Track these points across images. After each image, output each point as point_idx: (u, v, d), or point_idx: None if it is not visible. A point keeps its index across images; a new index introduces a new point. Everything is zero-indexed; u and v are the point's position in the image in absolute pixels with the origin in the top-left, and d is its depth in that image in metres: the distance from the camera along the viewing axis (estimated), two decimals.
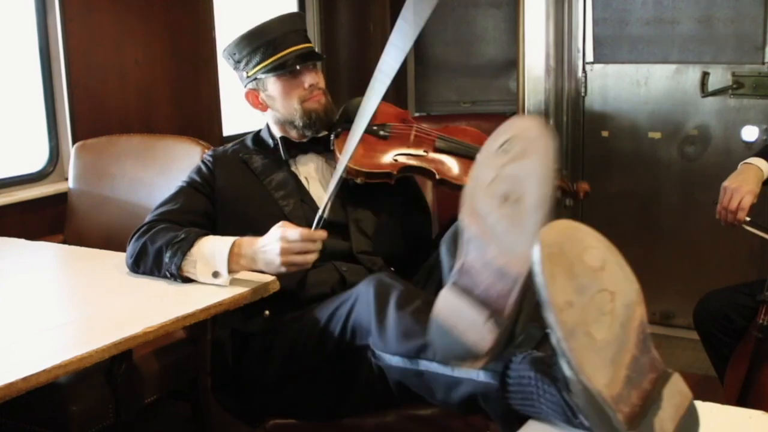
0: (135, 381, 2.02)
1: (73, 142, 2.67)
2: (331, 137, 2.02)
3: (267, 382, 1.81)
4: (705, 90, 3.22)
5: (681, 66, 3.29)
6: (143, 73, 2.91)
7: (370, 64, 3.95)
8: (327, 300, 1.74)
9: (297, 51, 1.97)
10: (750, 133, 3.18)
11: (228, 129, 3.27)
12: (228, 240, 1.77)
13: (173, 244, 1.76)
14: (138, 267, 1.81)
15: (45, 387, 1.31)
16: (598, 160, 3.52)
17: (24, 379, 1.27)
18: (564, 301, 1.04)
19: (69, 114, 2.69)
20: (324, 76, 2.07)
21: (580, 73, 3.50)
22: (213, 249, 1.75)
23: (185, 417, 2.37)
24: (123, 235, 1.90)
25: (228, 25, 3.16)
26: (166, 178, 2.38)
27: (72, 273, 2.02)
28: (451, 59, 3.96)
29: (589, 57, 3.47)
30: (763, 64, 3.13)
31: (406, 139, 2.04)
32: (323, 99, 2.01)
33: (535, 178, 1.16)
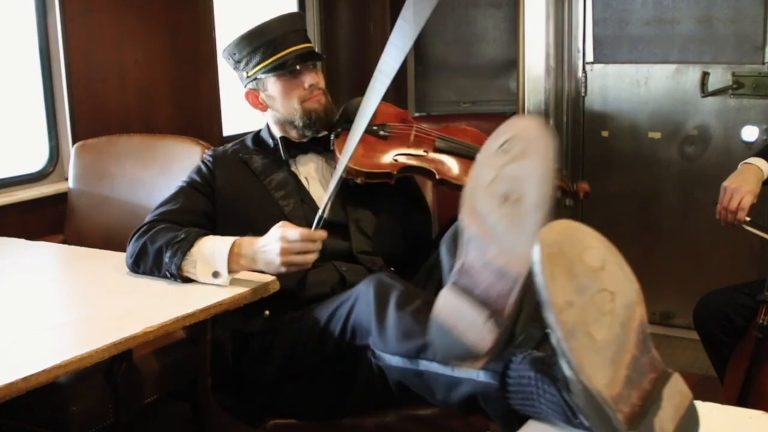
0: (135, 381, 2.02)
1: (73, 142, 2.67)
2: (331, 137, 2.02)
3: (267, 382, 1.81)
4: (705, 90, 3.22)
5: (681, 66, 3.29)
6: (143, 73, 2.91)
7: (370, 64, 3.96)
8: (327, 300, 1.74)
9: (297, 51, 1.97)
10: (750, 133, 3.18)
11: (228, 129, 3.27)
12: (228, 240, 1.77)
13: (173, 244, 1.76)
14: (138, 267, 1.81)
15: (45, 387, 1.31)
16: (598, 160, 3.52)
17: (24, 379, 1.27)
18: (564, 301, 1.04)
19: (69, 114, 2.69)
20: (324, 76, 2.07)
21: (580, 73, 3.50)
22: (213, 249, 1.75)
23: (185, 417, 2.37)
24: (123, 235, 1.90)
25: (228, 25, 3.16)
26: (166, 178, 2.38)
27: (72, 273, 2.02)
28: (451, 59, 3.96)
29: (589, 57, 3.47)
30: (763, 64, 3.13)
31: (406, 139, 2.04)
32: (323, 99, 2.01)
33: (536, 177, 1.16)
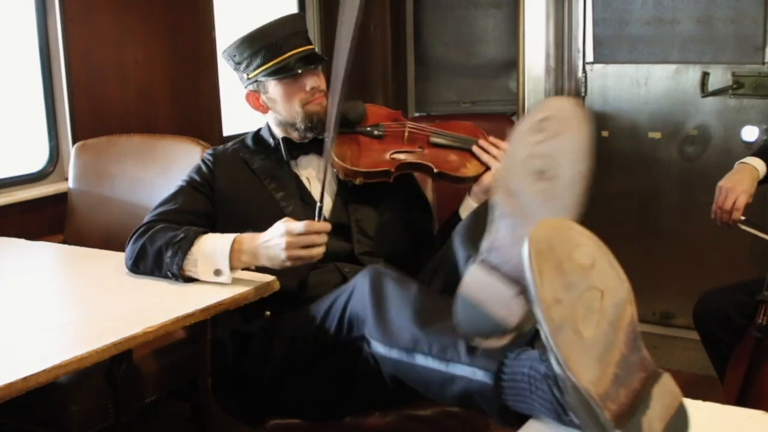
0: (135, 381, 2.02)
1: (73, 142, 2.67)
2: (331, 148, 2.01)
3: (267, 382, 1.81)
4: (705, 90, 3.22)
5: (681, 66, 3.28)
6: (143, 73, 2.91)
7: (370, 64, 3.98)
8: (325, 295, 1.73)
9: (298, 54, 1.96)
10: (750, 133, 3.18)
11: (228, 129, 3.27)
12: (228, 237, 1.76)
13: (173, 243, 1.76)
14: (138, 268, 1.80)
15: (45, 387, 1.31)
16: (598, 160, 3.50)
17: (24, 379, 1.27)
18: (552, 298, 1.04)
19: (69, 114, 2.69)
20: (325, 76, 2.06)
21: (580, 73, 3.49)
22: (214, 247, 1.74)
23: (185, 417, 2.37)
24: (123, 235, 1.89)
25: (228, 25, 3.16)
26: (166, 178, 2.38)
27: (72, 273, 2.02)
28: (451, 59, 3.96)
29: (589, 57, 3.47)
30: (763, 64, 3.13)
31: (400, 137, 2.04)
32: (324, 101, 1.99)
33: (571, 155, 1.18)
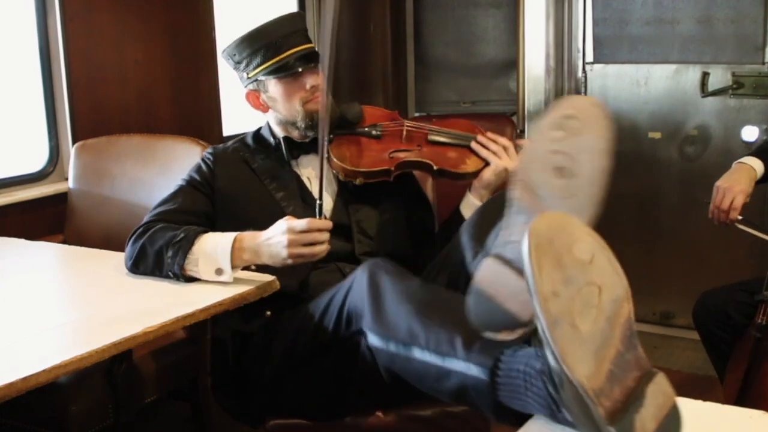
0: (135, 381, 2.02)
1: (73, 142, 2.67)
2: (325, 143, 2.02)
3: (267, 381, 1.81)
4: (705, 90, 3.22)
5: (681, 66, 3.28)
6: (143, 73, 2.91)
7: (370, 64, 3.98)
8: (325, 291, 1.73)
9: (298, 52, 1.95)
10: (750, 133, 3.18)
11: (228, 129, 3.27)
12: (229, 235, 1.76)
13: (173, 243, 1.75)
14: (138, 269, 1.80)
15: (45, 387, 1.31)
16: None
17: (24, 379, 1.27)
18: (550, 291, 1.04)
19: (69, 114, 2.69)
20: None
21: (580, 73, 3.49)
22: (215, 246, 1.74)
23: (185, 417, 2.37)
24: (123, 235, 1.89)
25: (228, 25, 3.15)
26: (166, 178, 2.38)
27: (72, 273, 2.02)
28: (451, 59, 3.96)
29: (589, 57, 3.47)
30: (763, 64, 3.13)
31: (398, 136, 2.05)
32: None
33: (591, 155, 1.18)
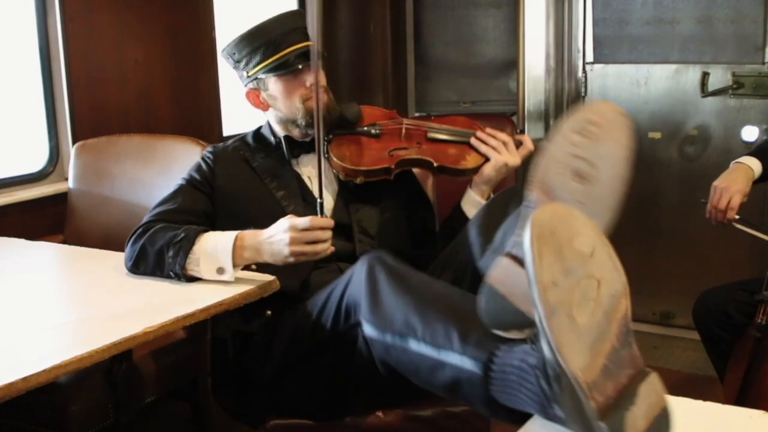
0: (135, 381, 2.02)
1: (73, 142, 2.67)
2: (325, 143, 2.02)
3: (267, 381, 1.81)
4: (705, 90, 3.22)
5: (681, 66, 3.29)
6: (143, 73, 2.91)
7: (370, 64, 3.98)
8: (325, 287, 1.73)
9: (298, 50, 1.95)
10: (750, 133, 3.18)
11: (228, 129, 3.27)
12: (230, 234, 1.76)
13: (174, 243, 1.75)
14: (138, 269, 1.79)
15: (45, 387, 1.31)
16: None
17: (24, 379, 1.27)
18: (549, 281, 1.04)
19: (69, 114, 2.68)
20: (325, 72, 2.05)
21: (580, 73, 3.49)
22: (216, 245, 1.74)
23: (185, 417, 2.38)
24: (123, 235, 1.89)
25: (228, 25, 3.15)
26: (166, 178, 2.38)
27: (72, 273, 2.02)
28: (451, 59, 3.96)
29: (589, 57, 3.47)
30: (763, 64, 3.13)
31: (397, 134, 2.05)
32: (325, 97, 1.98)
33: (611, 162, 1.20)
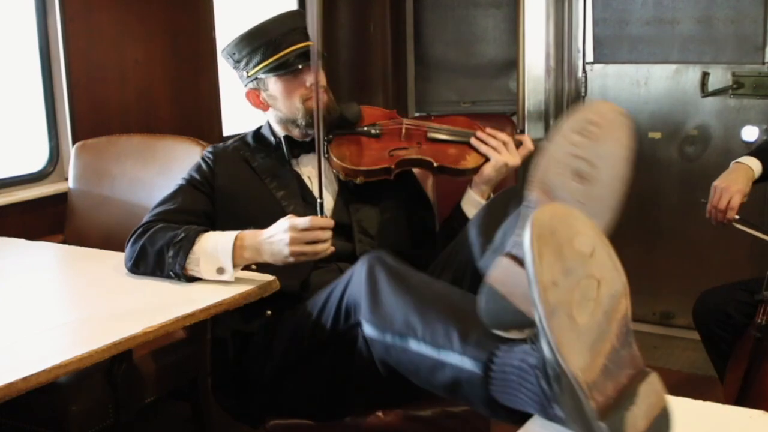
0: (135, 381, 2.02)
1: (73, 142, 2.67)
2: (325, 143, 2.01)
3: (267, 381, 1.81)
4: (705, 90, 3.22)
5: (681, 66, 3.29)
6: (143, 73, 2.91)
7: (370, 64, 3.98)
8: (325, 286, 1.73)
9: (298, 50, 1.95)
10: (750, 133, 3.19)
11: (228, 129, 3.27)
12: (230, 234, 1.76)
13: (174, 243, 1.75)
14: (138, 269, 1.79)
15: (45, 387, 1.31)
16: None
17: (24, 379, 1.27)
18: (549, 280, 1.04)
19: (69, 114, 2.68)
20: (325, 72, 2.05)
21: (580, 73, 3.49)
22: (216, 245, 1.74)
23: (185, 417, 2.38)
24: (123, 235, 1.89)
25: (228, 25, 3.15)
26: (166, 178, 2.38)
27: (72, 273, 2.02)
28: (451, 59, 3.96)
29: (589, 57, 3.47)
30: (763, 64, 3.13)
31: (397, 134, 2.05)
32: (325, 97, 1.97)
33: (610, 162, 1.20)
